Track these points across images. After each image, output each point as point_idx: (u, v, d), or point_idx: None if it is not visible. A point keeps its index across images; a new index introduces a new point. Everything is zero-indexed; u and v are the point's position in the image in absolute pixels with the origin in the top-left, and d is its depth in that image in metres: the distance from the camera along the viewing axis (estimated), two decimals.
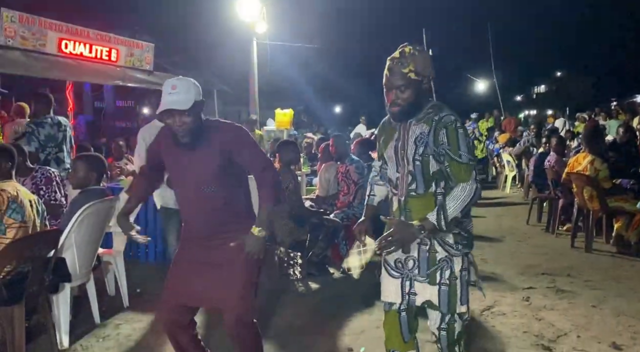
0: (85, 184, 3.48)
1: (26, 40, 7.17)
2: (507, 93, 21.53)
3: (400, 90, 2.05)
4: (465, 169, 2.02)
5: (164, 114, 2.24)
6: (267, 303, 4.07)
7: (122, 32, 9.31)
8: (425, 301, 2.13)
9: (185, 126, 2.24)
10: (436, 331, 2.17)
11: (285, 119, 10.39)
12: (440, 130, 2.03)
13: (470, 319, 3.64)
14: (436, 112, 2.08)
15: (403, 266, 2.16)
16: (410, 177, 2.11)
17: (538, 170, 6.87)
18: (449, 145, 2.03)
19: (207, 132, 2.33)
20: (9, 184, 3.09)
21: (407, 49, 2.05)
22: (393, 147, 2.17)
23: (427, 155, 2.07)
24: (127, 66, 9.17)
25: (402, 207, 2.15)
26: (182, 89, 2.21)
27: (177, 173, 2.45)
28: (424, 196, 2.10)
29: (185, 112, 2.20)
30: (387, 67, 2.08)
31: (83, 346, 3.32)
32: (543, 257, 5.25)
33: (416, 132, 2.09)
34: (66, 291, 3.29)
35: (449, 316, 2.12)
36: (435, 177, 2.09)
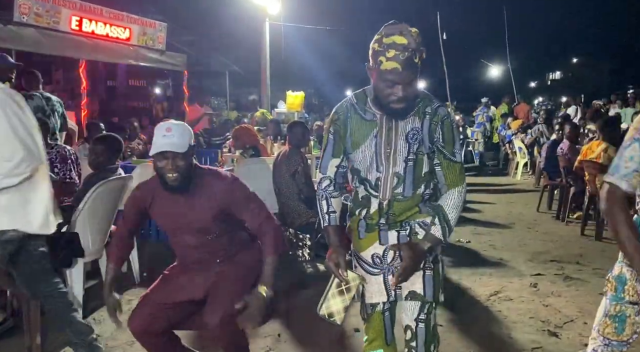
0: (103, 164, 3.58)
1: (40, 17, 7.17)
2: (521, 79, 21.25)
3: (410, 85, 1.74)
4: (460, 170, 1.86)
5: (157, 156, 2.16)
6: (275, 284, 4.12)
7: (135, 11, 9.28)
8: (409, 292, 1.91)
9: (178, 170, 2.16)
10: (413, 324, 1.91)
11: (296, 102, 10.35)
12: (437, 125, 1.81)
13: (477, 304, 3.69)
14: (426, 103, 1.84)
15: (382, 260, 1.93)
16: (396, 180, 1.86)
17: (550, 157, 6.82)
18: (444, 143, 1.83)
19: (200, 178, 2.27)
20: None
21: (414, 33, 1.70)
22: (373, 144, 1.86)
23: (421, 153, 1.84)
24: (140, 45, 9.16)
25: (384, 210, 1.90)
26: (177, 132, 2.15)
27: (172, 222, 2.35)
28: (411, 198, 1.89)
29: (180, 155, 2.14)
30: (392, 57, 1.68)
31: (96, 319, 3.40)
32: (552, 244, 5.24)
33: (406, 128, 1.83)
34: (79, 266, 3.36)
35: (428, 305, 1.91)
36: (425, 178, 1.88)
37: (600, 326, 1.65)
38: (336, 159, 1.98)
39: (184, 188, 2.22)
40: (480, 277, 4.23)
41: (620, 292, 1.64)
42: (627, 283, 1.63)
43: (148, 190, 2.36)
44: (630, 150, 1.57)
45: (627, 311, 1.62)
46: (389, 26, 1.73)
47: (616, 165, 1.60)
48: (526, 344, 3.04)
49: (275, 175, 4.67)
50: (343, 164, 1.98)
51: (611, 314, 1.64)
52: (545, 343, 3.06)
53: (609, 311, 1.65)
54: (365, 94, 1.92)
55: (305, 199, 4.59)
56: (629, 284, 1.63)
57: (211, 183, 2.27)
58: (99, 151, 3.58)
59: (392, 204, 1.89)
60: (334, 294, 1.91)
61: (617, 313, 1.63)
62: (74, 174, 4.11)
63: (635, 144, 1.56)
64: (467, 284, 4.09)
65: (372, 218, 1.93)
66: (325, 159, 1.99)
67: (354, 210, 2.01)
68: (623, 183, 1.56)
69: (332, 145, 1.96)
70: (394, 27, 1.72)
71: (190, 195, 2.25)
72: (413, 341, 1.92)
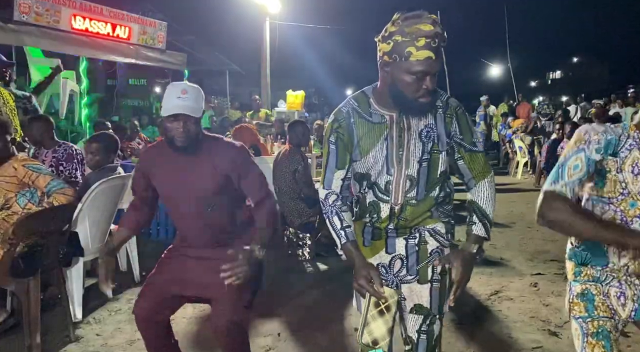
0: (101, 163, 3.58)
1: (40, 16, 7.16)
2: (521, 78, 21.26)
3: (436, 76, 1.62)
4: (484, 159, 1.77)
5: (169, 117, 2.10)
6: (276, 283, 4.12)
7: (135, 10, 9.27)
8: (415, 305, 1.80)
9: (189, 134, 2.12)
10: (414, 335, 1.81)
11: (296, 101, 10.37)
12: (452, 117, 1.71)
13: (477, 303, 3.68)
14: (434, 96, 1.71)
15: (387, 270, 1.82)
16: (409, 183, 1.74)
17: (550, 156, 6.83)
18: (462, 134, 1.73)
19: (209, 145, 2.23)
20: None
21: (433, 16, 1.58)
22: (384, 146, 1.72)
23: (437, 151, 1.72)
24: (140, 44, 9.15)
25: (395, 214, 1.77)
26: (192, 95, 2.10)
27: (173, 188, 2.26)
28: (424, 201, 1.77)
29: (193, 119, 2.11)
30: (424, 46, 1.55)
31: (96, 319, 3.40)
32: (553, 244, 5.23)
33: (420, 126, 1.71)
34: (79, 265, 3.36)
35: (432, 316, 1.81)
36: (441, 178, 1.77)
37: (586, 349, 1.52)
38: (341, 171, 1.79)
39: (191, 150, 2.16)
40: (481, 277, 4.22)
41: (592, 310, 1.56)
42: (595, 299, 1.56)
43: (149, 156, 2.33)
44: (574, 159, 1.55)
45: (606, 326, 1.53)
46: (406, 14, 1.59)
47: (558, 174, 1.57)
48: (526, 344, 3.04)
49: (276, 174, 4.67)
50: (348, 175, 1.81)
51: (592, 332, 1.53)
52: (546, 343, 3.05)
53: (588, 330, 1.54)
54: (366, 95, 1.78)
55: (305, 198, 4.59)
56: (597, 300, 1.56)
57: (216, 149, 2.23)
58: (94, 150, 3.58)
59: (404, 209, 1.76)
60: (374, 316, 1.67)
61: (598, 329, 1.53)
62: (78, 173, 4.11)
63: (580, 154, 1.54)
64: (468, 283, 4.08)
65: (381, 222, 1.80)
66: (328, 172, 1.80)
67: (359, 215, 1.87)
68: (568, 191, 1.54)
69: (335, 156, 1.78)
70: (414, 14, 1.58)
71: (195, 160, 2.20)
72: (414, 350, 1.83)
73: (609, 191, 1.54)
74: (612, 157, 1.52)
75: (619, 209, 1.53)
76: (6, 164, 2.97)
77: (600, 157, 1.53)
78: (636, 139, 1.52)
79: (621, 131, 1.54)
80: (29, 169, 2.95)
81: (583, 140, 1.55)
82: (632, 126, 1.56)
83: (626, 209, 1.53)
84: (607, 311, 1.55)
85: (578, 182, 1.54)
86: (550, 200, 1.55)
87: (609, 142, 1.52)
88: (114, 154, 3.73)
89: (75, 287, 3.33)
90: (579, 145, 1.56)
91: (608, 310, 1.55)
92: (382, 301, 1.67)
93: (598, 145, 1.53)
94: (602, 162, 1.53)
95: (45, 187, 2.93)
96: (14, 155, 3.04)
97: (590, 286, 1.60)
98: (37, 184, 2.96)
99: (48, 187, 2.92)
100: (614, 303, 1.56)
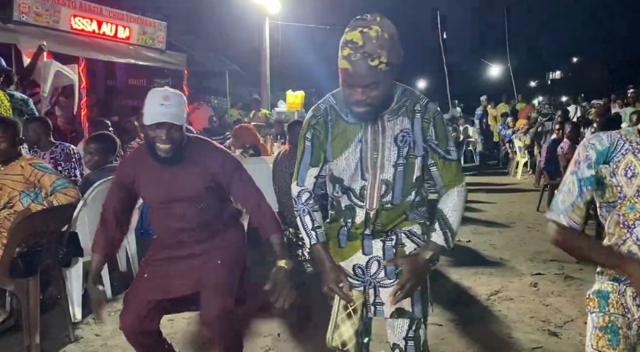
0: (100, 164, 3.58)
1: (40, 16, 7.16)
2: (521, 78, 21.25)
3: (370, 89, 1.54)
4: (457, 168, 1.71)
5: (151, 125, 2.04)
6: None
7: (134, 10, 9.27)
8: (396, 309, 1.73)
9: (172, 141, 2.07)
10: (402, 342, 1.74)
11: (296, 101, 10.35)
12: (429, 122, 1.66)
13: (477, 303, 3.68)
14: (414, 100, 1.67)
15: (364, 271, 1.76)
16: (384, 187, 1.69)
17: (550, 156, 6.82)
18: (437, 140, 1.67)
19: (190, 147, 2.18)
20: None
21: (374, 33, 1.49)
22: (358, 149, 1.68)
23: (412, 157, 1.68)
24: (140, 44, 9.15)
25: (371, 220, 1.72)
26: (175, 102, 2.05)
27: (161, 192, 2.21)
28: (400, 206, 1.72)
29: (176, 126, 2.05)
30: (346, 57, 1.51)
31: (95, 319, 3.39)
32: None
33: (395, 130, 1.66)
34: (79, 265, 3.36)
35: (417, 321, 1.75)
36: (417, 184, 1.72)
37: (592, 340, 1.59)
38: (315, 169, 1.77)
39: (175, 159, 2.12)
40: (481, 277, 4.22)
41: (604, 307, 1.60)
42: (610, 297, 1.60)
43: (130, 164, 2.27)
44: (568, 183, 1.56)
45: (617, 322, 1.57)
46: (357, 19, 1.54)
47: (555, 200, 1.59)
48: (526, 344, 3.04)
49: (276, 174, 4.67)
50: (322, 173, 1.78)
51: (601, 325, 1.59)
52: (546, 343, 3.05)
53: (597, 324, 1.60)
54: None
55: None
56: (611, 297, 1.59)
57: (202, 152, 2.20)
58: (92, 151, 3.59)
59: (380, 214, 1.71)
60: (343, 319, 1.69)
61: (607, 324, 1.57)
62: (77, 172, 4.11)
63: (572, 177, 1.55)
64: (468, 283, 4.08)
65: (356, 228, 1.75)
66: (302, 169, 1.78)
67: (335, 218, 1.83)
68: (562, 218, 1.56)
69: (310, 153, 1.76)
70: (360, 21, 1.52)
71: (180, 166, 2.16)
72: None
73: (610, 196, 1.56)
74: (604, 165, 1.53)
75: (620, 212, 1.54)
76: (13, 163, 3.01)
77: (594, 171, 1.54)
78: (633, 144, 1.52)
79: (619, 136, 1.54)
80: (35, 168, 2.98)
81: (574, 162, 1.57)
82: (636, 130, 1.55)
83: (626, 213, 1.53)
84: (620, 308, 1.57)
85: (571, 207, 1.56)
86: (550, 229, 1.60)
87: (601, 153, 1.53)
88: (112, 155, 3.72)
89: (75, 287, 3.33)
90: (571, 168, 1.57)
91: (621, 307, 1.57)
92: (350, 304, 1.68)
93: (589, 161, 1.54)
94: (597, 172, 1.54)
95: (51, 185, 2.95)
96: (21, 155, 3.09)
97: (608, 284, 1.62)
98: (43, 183, 2.98)
99: (53, 186, 2.94)
100: (629, 302, 1.57)
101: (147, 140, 2.11)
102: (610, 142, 1.54)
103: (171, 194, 2.21)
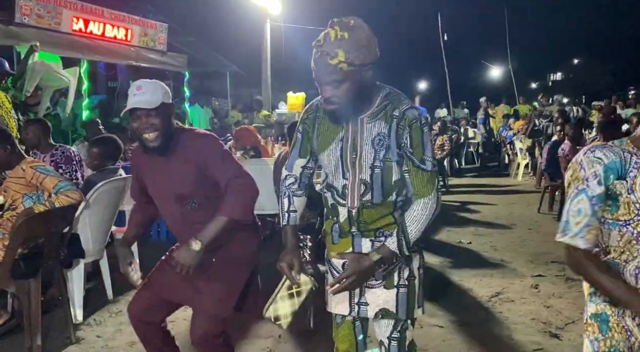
0: (102, 166, 3.58)
1: (42, 18, 7.19)
2: (522, 80, 21.26)
3: (333, 87, 1.61)
4: (429, 179, 1.68)
5: (130, 117, 2.09)
6: (276, 285, 4.12)
7: (135, 12, 9.30)
8: (379, 310, 1.77)
9: (152, 127, 2.05)
10: (386, 341, 1.81)
11: (297, 103, 10.35)
12: (404, 129, 1.66)
13: (478, 305, 3.68)
14: (395, 105, 1.68)
15: None
16: (363, 187, 1.73)
17: (551, 158, 6.81)
18: (412, 148, 1.66)
19: (180, 139, 2.16)
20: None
21: (333, 32, 1.56)
22: (338, 148, 1.74)
23: (389, 160, 1.69)
24: (141, 46, 9.18)
25: (354, 218, 1.76)
26: (148, 89, 2.06)
27: (154, 187, 2.23)
28: (382, 205, 1.74)
29: (151, 111, 2.04)
30: (313, 56, 1.62)
31: (96, 320, 3.40)
32: (553, 245, 5.22)
33: (372, 133, 1.69)
34: (80, 267, 3.36)
35: (402, 322, 1.79)
36: (397, 185, 1.72)
37: None
38: (302, 160, 1.88)
39: (162, 149, 2.10)
40: (481, 279, 4.22)
41: (607, 332, 1.51)
42: (610, 320, 1.51)
43: (136, 156, 2.32)
44: (576, 203, 1.45)
45: (619, 346, 1.48)
46: (331, 21, 1.61)
47: (565, 222, 1.47)
48: (527, 346, 3.04)
49: (277, 175, 4.67)
50: (309, 165, 1.89)
51: (603, 350, 1.49)
52: (547, 344, 3.05)
53: (599, 349, 1.50)
54: None
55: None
56: (612, 321, 1.51)
57: (186, 142, 2.15)
58: (94, 154, 3.60)
59: (361, 212, 1.75)
60: (283, 297, 1.83)
61: (610, 349, 1.49)
62: (78, 175, 4.11)
63: (581, 196, 1.44)
64: (468, 285, 4.08)
65: (343, 227, 1.81)
66: (292, 158, 1.90)
67: (326, 215, 1.90)
68: (579, 241, 1.45)
69: (300, 145, 1.87)
70: (334, 22, 1.60)
71: (169, 157, 2.15)
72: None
73: (624, 213, 1.46)
74: (620, 181, 1.43)
75: (636, 230, 1.45)
76: (16, 167, 3.02)
77: (605, 188, 1.43)
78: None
79: (620, 150, 1.45)
80: (37, 171, 2.98)
81: (580, 178, 1.45)
82: (629, 142, 1.48)
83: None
84: (623, 331, 1.50)
85: (586, 228, 1.44)
86: (567, 253, 1.50)
87: (610, 168, 1.43)
88: (114, 157, 3.72)
89: (76, 288, 3.34)
90: (577, 185, 1.46)
91: (624, 331, 1.50)
92: (294, 287, 1.82)
93: (598, 178, 1.43)
94: (609, 188, 1.44)
95: (54, 188, 2.94)
96: (24, 158, 3.09)
97: (605, 306, 1.53)
98: (45, 186, 2.97)
99: (56, 188, 2.93)
100: (629, 323, 1.50)
101: (134, 135, 2.16)
102: (619, 156, 1.43)
103: (162, 190, 2.20)
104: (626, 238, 1.47)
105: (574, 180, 1.48)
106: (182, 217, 2.19)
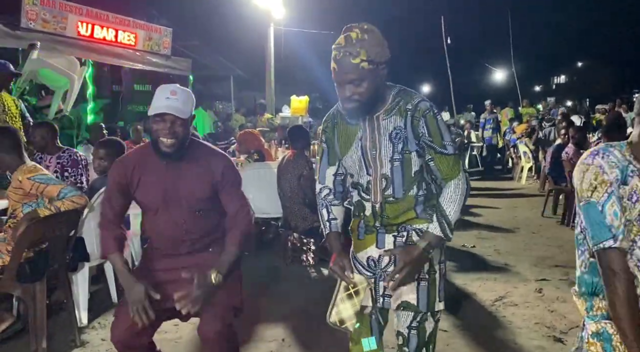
0: (108, 169, 3.59)
1: (47, 23, 7.24)
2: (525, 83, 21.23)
3: (354, 85, 1.71)
4: (454, 162, 1.78)
5: (155, 118, 2.06)
6: (280, 289, 4.12)
7: (140, 16, 9.35)
8: (402, 302, 1.84)
9: (175, 136, 2.06)
10: (405, 331, 1.87)
11: (300, 106, 10.39)
12: (419, 120, 1.76)
13: (482, 309, 3.67)
14: (407, 100, 1.79)
15: (376, 264, 1.89)
16: (385, 182, 1.82)
17: (555, 162, 6.80)
18: (431, 136, 1.76)
19: (195, 149, 2.18)
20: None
21: (354, 34, 1.68)
22: (359, 147, 1.85)
23: (408, 152, 1.79)
24: (145, 50, 9.22)
25: (378, 213, 1.86)
26: (182, 97, 2.07)
27: (161, 194, 2.16)
28: (403, 200, 1.82)
29: (180, 120, 2.06)
30: (333, 57, 1.71)
31: (101, 324, 3.41)
32: (557, 249, 5.22)
33: (389, 128, 1.80)
34: (85, 270, 3.38)
35: (422, 314, 1.85)
36: (416, 178, 1.81)
37: None
38: (332, 167, 1.98)
39: (177, 156, 2.12)
40: (485, 282, 4.22)
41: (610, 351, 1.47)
42: (613, 339, 1.47)
43: (129, 164, 2.19)
44: (610, 206, 1.43)
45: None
46: (345, 28, 1.73)
47: (609, 227, 1.43)
48: (531, 350, 3.03)
49: (280, 179, 4.68)
50: (340, 171, 1.98)
51: None
52: (551, 349, 3.04)
53: None
54: None
55: (309, 203, 4.60)
56: (614, 339, 1.47)
57: (207, 156, 2.21)
58: (101, 156, 3.60)
59: (384, 207, 1.84)
60: (342, 299, 1.85)
61: None
62: (84, 179, 4.13)
63: (613, 198, 1.43)
64: (472, 289, 4.08)
65: (368, 221, 1.90)
66: (322, 169, 2.01)
67: (354, 212, 1.99)
68: (625, 244, 1.42)
69: (327, 154, 1.98)
70: (346, 28, 1.72)
71: (183, 165, 2.15)
72: (405, 346, 1.88)
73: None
74: (623, 186, 1.44)
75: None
76: (15, 173, 2.97)
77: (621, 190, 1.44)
78: (637, 166, 1.45)
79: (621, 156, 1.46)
80: (35, 182, 2.89)
81: (606, 181, 1.44)
82: (628, 147, 1.49)
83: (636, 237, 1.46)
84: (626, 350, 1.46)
85: (625, 229, 1.43)
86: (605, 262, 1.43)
87: (622, 171, 1.45)
88: None
89: (81, 292, 3.35)
90: (606, 188, 1.44)
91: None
92: (351, 286, 1.84)
93: (619, 182, 1.44)
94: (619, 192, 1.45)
95: (58, 195, 2.89)
96: (24, 163, 2.98)
97: (606, 323, 1.50)
98: (47, 194, 2.91)
99: (61, 195, 2.89)
100: None
101: (151, 134, 2.13)
102: (621, 161, 1.45)
103: (171, 194, 2.17)
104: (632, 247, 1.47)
105: (600, 183, 1.45)
106: (185, 223, 2.20)
